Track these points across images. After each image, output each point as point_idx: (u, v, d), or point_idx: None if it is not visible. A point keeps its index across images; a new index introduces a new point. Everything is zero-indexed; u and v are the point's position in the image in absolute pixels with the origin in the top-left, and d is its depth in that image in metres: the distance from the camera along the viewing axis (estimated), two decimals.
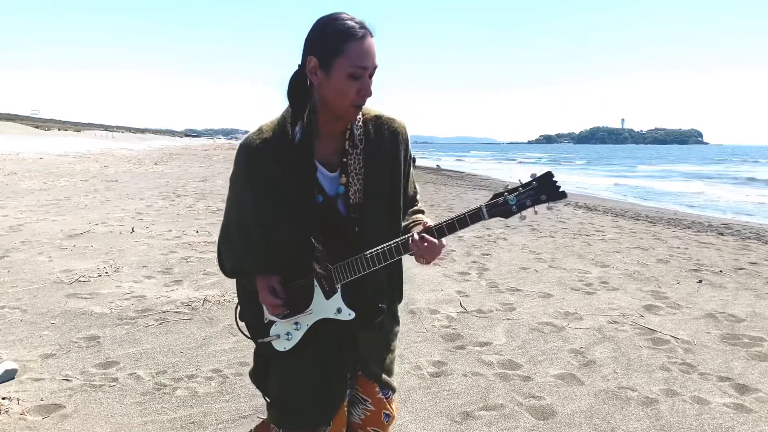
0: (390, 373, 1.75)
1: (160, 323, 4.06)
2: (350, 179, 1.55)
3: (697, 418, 2.89)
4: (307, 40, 1.48)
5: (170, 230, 7.75)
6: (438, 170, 31.72)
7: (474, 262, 6.32)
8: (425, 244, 1.47)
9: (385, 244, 1.52)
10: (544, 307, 4.69)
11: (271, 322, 1.64)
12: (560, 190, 1.41)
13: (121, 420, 2.74)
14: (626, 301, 4.94)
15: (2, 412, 2.76)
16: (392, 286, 1.72)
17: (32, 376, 3.17)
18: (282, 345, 1.62)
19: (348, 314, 1.56)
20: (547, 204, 1.42)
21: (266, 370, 1.72)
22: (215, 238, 1.69)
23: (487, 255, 6.71)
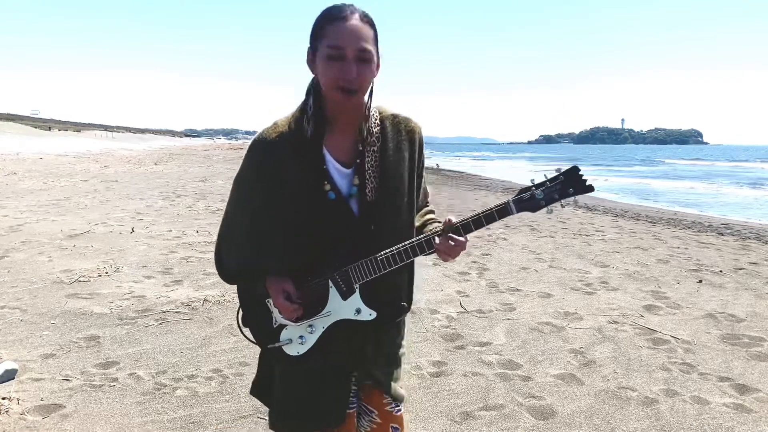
0: (396, 380, 1.68)
1: (160, 323, 4.06)
2: (366, 177, 1.52)
3: (697, 418, 2.89)
4: None
5: (170, 230, 7.75)
6: (438, 170, 31.73)
7: (474, 262, 6.32)
8: (451, 241, 1.46)
9: (406, 242, 1.49)
10: (544, 307, 4.69)
11: (281, 326, 1.56)
12: (587, 183, 1.41)
13: (121, 420, 2.74)
14: (626, 301, 4.94)
15: (2, 412, 2.76)
16: (408, 287, 1.67)
17: (32, 376, 3.17)
18: (295, 349, 1.55)
19: (369, 314, 1.52)
20: (574, 198, 1.42)
21: (270, 377, 1.67)
22: (215, 238, 1.65)
23: (487, 255, 6.71)
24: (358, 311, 1.52)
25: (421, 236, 1.50)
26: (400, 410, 1.69)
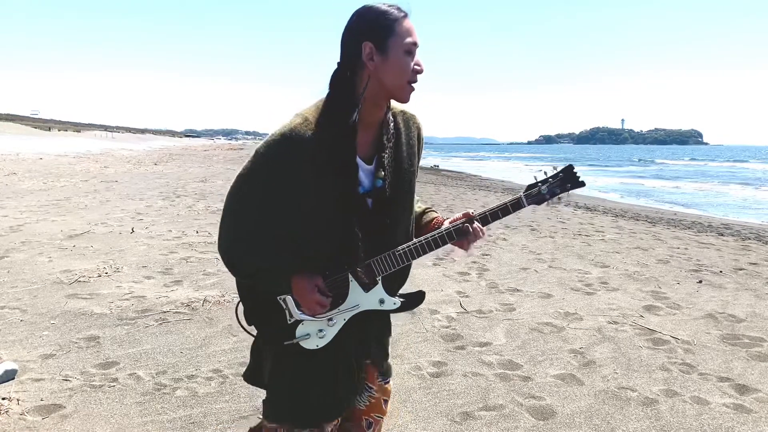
0: (387, 356, 1.79)
1: (160, 323, 4.06)
2: (386, 173, 1.57)
3: (697, 418, 2.89)
4: (350, 31, 1.50)
5: (170, 230, 7.75)
6: (437, 170, 31.73)
7: (474, 262, 6.32)
8: (473, 230, 1.59)
9: (430, 234, 1.60)
10: (544, 308, 4.69)
11: (297, 322, 1.56)
12: (580, 179, 1.63)
13: (121, 420, 2.74)
14: (626, 301, 4.95)
15: (2, 412, 2.76)
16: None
17: (32, 376, 3.17)
18: (314, 343, 1.57)
19: (393, 303, 1.61)
20: (569, 191, 1.65)
21: (276, 367, 1.64)
22: (216, 238, 1.63)
23: (487, 255, 6.71)
24: (382, 301, 1.60)
25: (443, 228, 1.61)
26: (388, 382, 1.80)
